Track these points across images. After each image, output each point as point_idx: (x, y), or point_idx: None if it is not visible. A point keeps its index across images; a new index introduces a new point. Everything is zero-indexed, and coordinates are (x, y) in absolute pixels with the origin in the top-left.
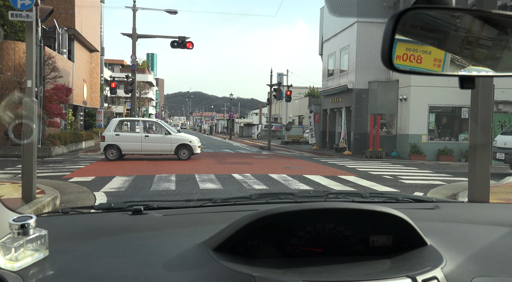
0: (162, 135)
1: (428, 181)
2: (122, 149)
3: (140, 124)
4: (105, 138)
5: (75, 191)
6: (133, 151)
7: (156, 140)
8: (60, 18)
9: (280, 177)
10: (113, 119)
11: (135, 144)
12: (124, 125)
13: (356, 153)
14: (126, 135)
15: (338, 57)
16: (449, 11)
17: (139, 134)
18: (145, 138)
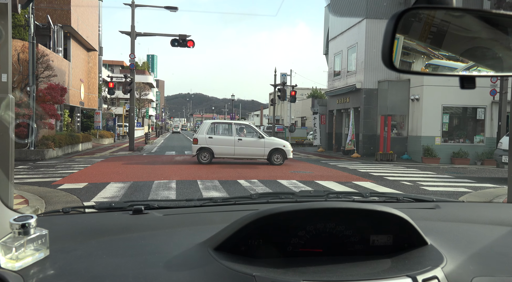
0: (255, 139)
1: (451, 187)
2: (215, 153)
3: (233, 127)
4: (197, 141)
5: (63, 201)
6: (225, 154)
7: (249, 144)
8: (55, 15)
9: (291, 183)
10: (205, 121)
11: (228, 147)
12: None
13: (365, 155)
14: (219, 138)
15: (345, 56)
16: (449, 11)
17: (232, 138)
18: (238, 142)
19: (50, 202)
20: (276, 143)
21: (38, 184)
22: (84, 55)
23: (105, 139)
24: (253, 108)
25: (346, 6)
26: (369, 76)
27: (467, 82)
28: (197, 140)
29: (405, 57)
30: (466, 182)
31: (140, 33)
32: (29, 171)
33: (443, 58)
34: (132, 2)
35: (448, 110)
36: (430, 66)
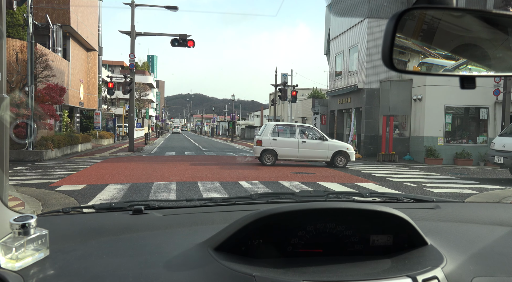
0: (319, 141)
1: (456, 189)
2: (279, 155)
3: (296, 129)
4: (261, 143)
5: (60, 203)
6: (289, 156)
7: (313, 146)
8: (55, 14)
9: (293, 185)
10: (268, 123)
11: (292, 149)
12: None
13: (367, 156)
14: (283, 140)
15: (347, 56)
16: (449, 11)
17: (296, 140)
18: (302, 144)
19: (48, 204)
20: (340, 146)
21: (35, 185)
22: (84, 55)
23: (104, 139)
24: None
25: (347, 6)
26: (371, 76)
27: (467, 82)
28: (261, 141)
29: (405, 57)
30: (471, 183)
31: (140, 33)
32: (27, 172)
33: (443, 58)
34: (132, 2)
35: (450, 110)
36: (430, 66)
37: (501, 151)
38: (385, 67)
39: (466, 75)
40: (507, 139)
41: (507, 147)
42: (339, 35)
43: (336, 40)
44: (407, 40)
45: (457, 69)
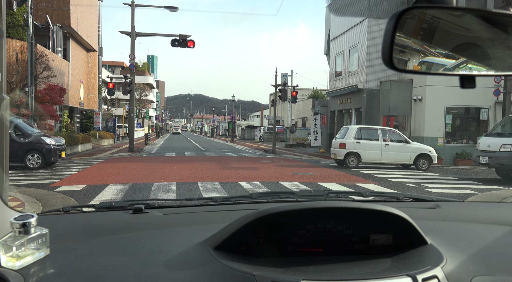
0: (402, 144)
1: (457, 189)
2: (363, 158)
3: (379, 132)
4: (345, 146)
5: (60, 204)
6: (372, 159)
7: (396, 149)
8: (55, 15)
9: (293, 185)
10: (351, 127)
11: (375, 152)
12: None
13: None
14: (367, 143)
15: (347, 56)
16: (449, 11)
17: (379, 143)
18: (385, 147)
19: (48, 205)
20: (423, 149)
21: (35, 186)
22: (84, 55)
23: (104, 140)
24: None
25: (347, 6)
26: (371, 76)
27: (467, 81)
28: (345, 144)
29: (405, 56)
30: (471, 183)
31: (140, 33)
32: (27, 172)
33: (443, 57)
34: (132, 2)
35: (451, 110)
36: (430, 65)
37: (485, 151)
38: (385, 67)
39: (466, 74)
40: (492, 139)
41: (491, 147)
42: (339, 35)
43: (336, 40)
44: (407, 39)
45: (457, 68)
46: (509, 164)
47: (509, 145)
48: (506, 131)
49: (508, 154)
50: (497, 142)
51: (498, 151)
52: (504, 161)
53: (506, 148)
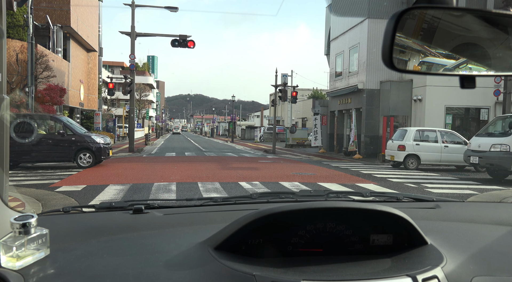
0: (461, 145)
1: (457, 189)
2: (422, 159)
3: (437, 134)
4: (404, 148)
5: (60, 204)
6: (432, 161)
7: (455, 151)
8: (55, 15)
9: (293, 186)
10: (409, 129)
11: (435, 154)
12: None
13: (367, 156)
14: (426, 145)
15: (347, 56)
16: (449, 11)
17: (439, 145)
18: (444, 149)
19: (48, 205)
20: None
21: (35, 186)
22: (84, 55)
23: None
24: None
25: (347, 6)
26: (371, 76)
27: (467, 81)
28: (404, 147)
29: (405, 56)
30: (471, 183)
31: (140, 33)
32: (27, 173)
33: (443, 57)
34: (132, 2)
35: (451, 110)
36: (430, 65)
37: (476, 151)
38: (385, 67)
39: (466, 75)
40: (482, 139)
41: (482, 147)
42: (339, 36)
43: (336, 40)
44: (407, 39)
45: (457, 69)
46: (499, 164)
47: (499, 145)
48: (496, 131)
49: (497, 154)
50: (487, 142)
51: (488, 151)
52: (494, 161)
53: (496, 148)
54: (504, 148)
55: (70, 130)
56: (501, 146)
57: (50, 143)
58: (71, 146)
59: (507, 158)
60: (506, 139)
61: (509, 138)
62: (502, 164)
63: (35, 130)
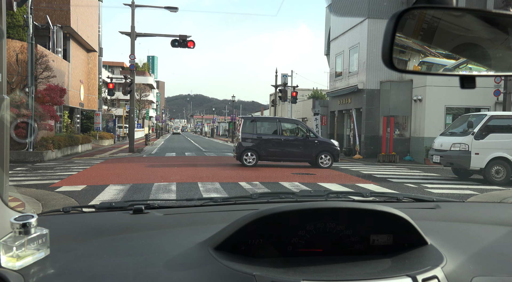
0: None
1: (457, 190)
2: None
3: None
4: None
5: (60, 204)
6: None
7: None
8: (55, 15)
9: (293, 186)
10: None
11: None
12: None
13: (367, 157)
14: None
15: (347, 57)
16: (449, 11)
17: None
18: None
19: (48, 205)
20: None
21: (35, 186)
22: (84, 56)
23: (105, 140)
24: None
25: (347, 6)
26: (371, 76)
27: (467, 81)
28: None
29: (405, 56)
30: (471, 184)
31: (140, 33)
32: (27, 173)
33: (443, 57)
34: (132, 2)
35: (451, 111)
36: (430, 65)
37: (438, 150)
38: (385, 67)
39: (466, 75)
40: (444, 139)
41: (443, 146)
42: (339, 36)
43: (336, 40)
44: (407, 39)
45: (457, 69)
46: (458, 162)
47: (458, 144)
48: (458, 131)
49: (457, 153)
50: (448, 141)
51: (449, 150)
52: (453, 160)
53: (455, 147)
54: (463, 147)
55: (314, 135)
56: (460, 145)
57: (297, 144)
58: (315, 149)
59: (465, 157)
60: (465, 139)
61: (468, 137)
62: (461, 163)
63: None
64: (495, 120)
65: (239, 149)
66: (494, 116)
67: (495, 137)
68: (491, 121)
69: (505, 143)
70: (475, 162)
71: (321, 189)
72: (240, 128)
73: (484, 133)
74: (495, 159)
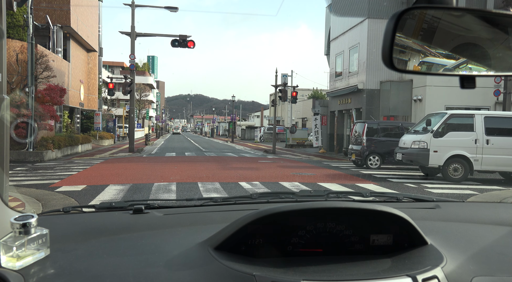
0: None
1: (456, 189)
2: None
3: None
4: None
5: (60, 204)
6: None
7: None
8: (55, 15)
9: (293, 186)
10: None
11: None
12: None
13: None
14: None
15: (347, 57)
16: (449, 11)
17: None
18: None
19: (48, 205)
20: None
21: (35, 186)
22: (84, 56)
23: (105, 140)
24: (253, 109)
25: (347, 6)
26: (371, 76)
27: (467, 81)
28: None
29: (405, 56)
30: (472, 184)
31: (140, 33)
32: (27, 173)
33: (443, 57)
34: (132, 2)
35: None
36: (430, 65)
37: (402, 148)
38: (385, 67)
39: (466, 75)
40: (408, 137)
41: (406, 144)
42: (339, 36)
43: (336, 40)
44: (407, 39)
45: (457, 69)
46: (417, 160)
47: (418, 142)
48: (420, 129)
49: (416, 150)
50: (410, 139)
51: (410, 148)
52: (413, 157)
53: (415, 145)
54: (422, 145)
55: None
56: (420, 143)
57: None
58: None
59: (424, 154)
60: (424, 136)
61: (427, 135)
62: (419, 160)
63: None
64: (455, 119)
65: (363, 153)
66: (454, 115)
67: (454, 135)
68: (450, 120)
69: (464, 141)
70: (434, 160)
71: (321, 189)
72: (364, 132)
73: (443, 131)
74: (453, 157)
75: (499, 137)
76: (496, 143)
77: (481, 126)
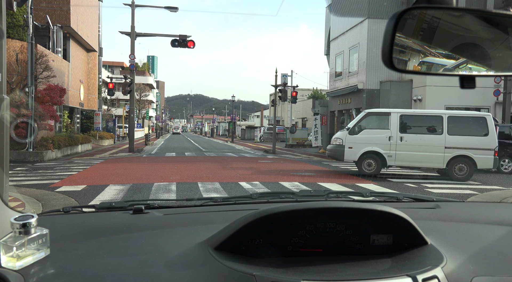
0: None
1: (457, 189)
2: None
3: None
4: None
5: (60, 204)
6: None
7: None
8: (55, 15)
9: (293, 185)
10: None
11: None
12: None
13: None
14: None
15: (347, 57)
16: (449, 11)
17: None
18: None
19: (48, 205)
20: None
21: (35, 186)
22: (84, 55)
23: (105, 140)
24: (253, 109)
25: (347, 6)
26: (371, 76)
27: (467, 81)
28: None
29: (405, 56)
30: (471, 184)
31: (140, 33)
32: (27, 173)
33: (443, 57)
34: (132, 2)
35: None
36: (430, 65)
37: (330, 144)
38: (385, 67)
39: (466, 75)
40: (338, 134)
41: (332, 141)
42: (339, 36)
43: (336, 40)
44: (407, 39)
45: (457, 69)
46: (334, 155)
47: (335, 139)
48: (345, 127)
49: (334, 147)
50: (335, 136)
51: (331, 144)
52: (331, 154)
53: (334, 142)
54: (338, 141)
55: None
56: (337, 140)
57: None
58: None
59: (340, 150)
60: (341, 134)
61: (343, 132)
62: (336, 156)
63: None
64: (372, 117)
65: None
66: (370, 113)
67: (369, 133)
68: (367, 118)
69: (378, 138)
70: (349, 155)
71: (321, 189)
72: None
73: (360, 128)
74: (367, 153)
75: (412, 134)
76: (410, 140)
77: (396, 124)
